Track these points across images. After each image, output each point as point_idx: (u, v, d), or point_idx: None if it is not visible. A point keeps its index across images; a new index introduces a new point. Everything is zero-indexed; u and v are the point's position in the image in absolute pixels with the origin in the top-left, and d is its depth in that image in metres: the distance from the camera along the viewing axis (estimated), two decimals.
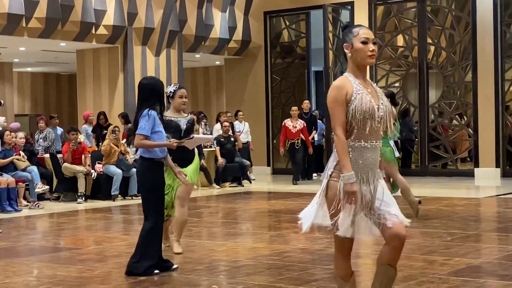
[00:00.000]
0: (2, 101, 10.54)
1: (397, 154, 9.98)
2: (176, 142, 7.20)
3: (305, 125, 16.56)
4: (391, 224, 4.28)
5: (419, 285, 6.04)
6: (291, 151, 16.78)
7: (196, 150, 8.08)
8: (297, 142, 16.45)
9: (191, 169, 7.81)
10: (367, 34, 4.41)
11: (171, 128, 7.70)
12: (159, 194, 7.01)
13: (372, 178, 4.36)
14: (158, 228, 6.98)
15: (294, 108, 16.74)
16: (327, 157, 18.08)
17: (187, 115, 8.09)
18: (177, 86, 7.98)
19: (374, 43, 4.42)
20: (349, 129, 4.31)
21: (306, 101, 17.63)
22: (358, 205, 4.26)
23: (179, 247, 7.86)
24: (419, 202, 9.93)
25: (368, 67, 4.54)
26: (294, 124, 16.47)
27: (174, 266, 7.05)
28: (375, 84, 4.57)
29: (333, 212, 4.31)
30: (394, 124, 4.55)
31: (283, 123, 16.76)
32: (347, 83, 4.33)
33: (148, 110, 6.87)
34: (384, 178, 4.67)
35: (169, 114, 7.86)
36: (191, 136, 7.84)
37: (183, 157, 7.69)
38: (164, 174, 7.15)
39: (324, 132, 17.79)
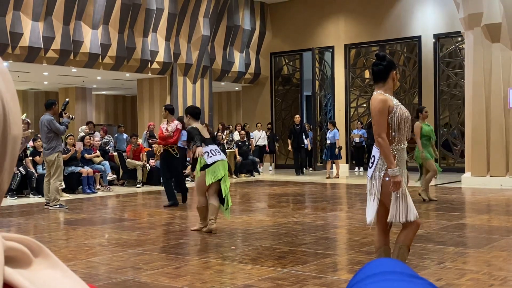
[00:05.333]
0: (73, 116, 10.63)
1: None
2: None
3: (178, 127, 10.22)
4: (416, 212, 4.10)
5: (373, 250, 6.02)
6: (166, 160, 10.19)
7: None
8: (172, 149, 10.19)
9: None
10: None
11: None
12: None
13: (406, 173, 4.16)
14: None
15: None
16: (315, 156, 18.07)
17: None
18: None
19: None
20: (391, 134, 4.05)
21: (297, 116, 17.15)
22: (400, 193, 4.00)
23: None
24: None
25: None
26: (167, 127, 10.32)
27: None
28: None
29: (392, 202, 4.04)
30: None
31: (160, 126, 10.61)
32: (388, 98, 4.08)
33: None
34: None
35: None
36: None
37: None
38: None
39: (312, 139, 17.74)
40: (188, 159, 13.58)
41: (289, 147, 16.91)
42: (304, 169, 17.65)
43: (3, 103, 0.54)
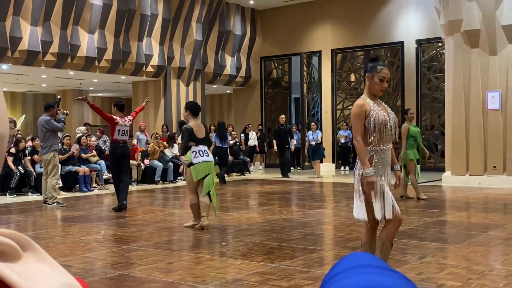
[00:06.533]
0: (67, 112, 10.48)
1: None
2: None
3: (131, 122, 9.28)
4: (398, 209, 4.10)
5: (358, 245, 6.04)
6: (116, 156, 9.09)
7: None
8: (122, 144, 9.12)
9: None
10: (385, 74, 4.11)
11: None
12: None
13: (386, 173, 4.14)
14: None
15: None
16: (303, 156, 18.07)
17: None
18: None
19: (387, 81, 4.14)
20: (369, 136, 4.06)
21: (283, 116, 16.03)
22: (378, 191, 4.00)
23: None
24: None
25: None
26: (123, 122, 9.11)
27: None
28: (383, 102, 4.31)
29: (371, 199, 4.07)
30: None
31: (114, 118, 9.03)
32: (365, 103, 4.08)
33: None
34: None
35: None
36: None
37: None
38: None
39: (300, 139, 17.72)
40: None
41: (275, 148, 16.41)
42: (292, 168, 17.63)
43: None
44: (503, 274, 4.83)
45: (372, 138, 4.09)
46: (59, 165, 10.25)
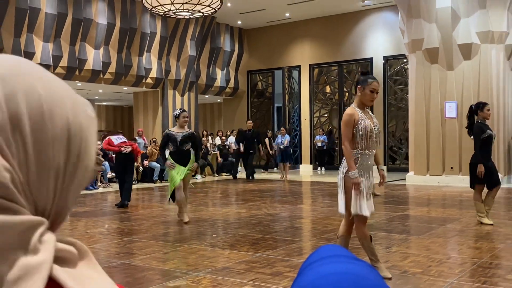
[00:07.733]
0: None
1: None
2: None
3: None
4: (361, 208, 4.07)
5: (332, 237, 6.07)
6: (121, 160, 9.13)
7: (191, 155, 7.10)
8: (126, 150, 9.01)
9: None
10: (375, 86, 4.08)
11: (172, 140, 7.00)
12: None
13: (370, 175, 4.14)
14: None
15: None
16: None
17: (186, 130, 7.08)
18: (181, 110, 7.11)
19: (376, 93, 4.10)
20: (356, 142, 4.04)
21: (249, 122, 15.24)
22: (363, 191, 4.00)
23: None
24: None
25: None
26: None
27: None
28: (371, 112, 4.28)
29: (351, 196, 4.05)
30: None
31: (107, 139, 9.13)
32: (355, 112, 4.06)
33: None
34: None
35: (174, 129, 7.06)
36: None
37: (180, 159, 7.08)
38: None
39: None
40: None
41: (241, 150, 14.94)
42: (275, 168, 17.63)
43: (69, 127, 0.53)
44: (458, 262, 4.88)
45: (359, 143, 4.09)
46: None
